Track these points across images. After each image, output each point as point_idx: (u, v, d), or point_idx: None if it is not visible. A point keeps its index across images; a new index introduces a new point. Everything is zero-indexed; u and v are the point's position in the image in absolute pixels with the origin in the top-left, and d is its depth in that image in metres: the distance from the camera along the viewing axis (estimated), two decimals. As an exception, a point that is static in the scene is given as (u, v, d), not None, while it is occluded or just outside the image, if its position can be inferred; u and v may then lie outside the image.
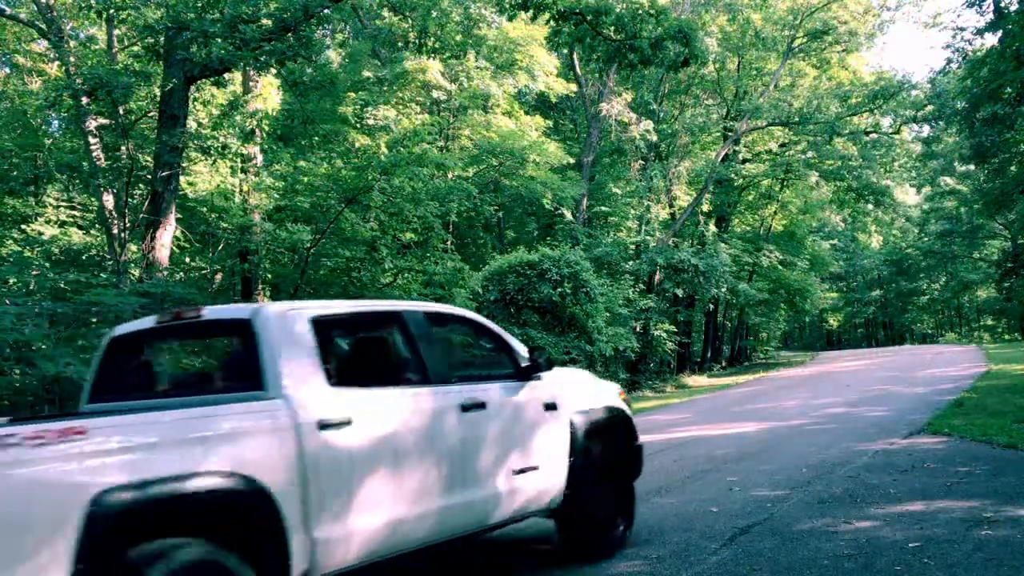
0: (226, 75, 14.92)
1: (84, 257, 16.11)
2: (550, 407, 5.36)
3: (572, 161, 27.57)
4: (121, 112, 14.37)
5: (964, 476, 7.14)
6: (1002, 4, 19.62)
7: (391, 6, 22.12)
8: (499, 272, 19.13)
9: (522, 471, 5.07)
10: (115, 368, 4.85)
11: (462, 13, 24.12)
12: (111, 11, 14.11)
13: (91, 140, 15.31)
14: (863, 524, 5.74)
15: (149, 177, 14.51)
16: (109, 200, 15.24)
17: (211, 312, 4.62)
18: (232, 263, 18.18)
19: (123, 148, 14.77)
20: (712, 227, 33.38)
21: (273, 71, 15.71)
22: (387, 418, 4.35)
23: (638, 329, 26.64)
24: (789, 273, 36.16)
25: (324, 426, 3.96)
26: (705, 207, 33.54)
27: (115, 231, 15.02)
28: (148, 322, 4.89)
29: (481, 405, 4.90)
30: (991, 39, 20.73)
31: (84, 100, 14.02)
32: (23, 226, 15.57)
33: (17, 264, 12.71)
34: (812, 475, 7.83)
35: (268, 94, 18.59)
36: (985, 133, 24.08)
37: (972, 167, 37.63)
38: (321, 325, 4.37)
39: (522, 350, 5.47)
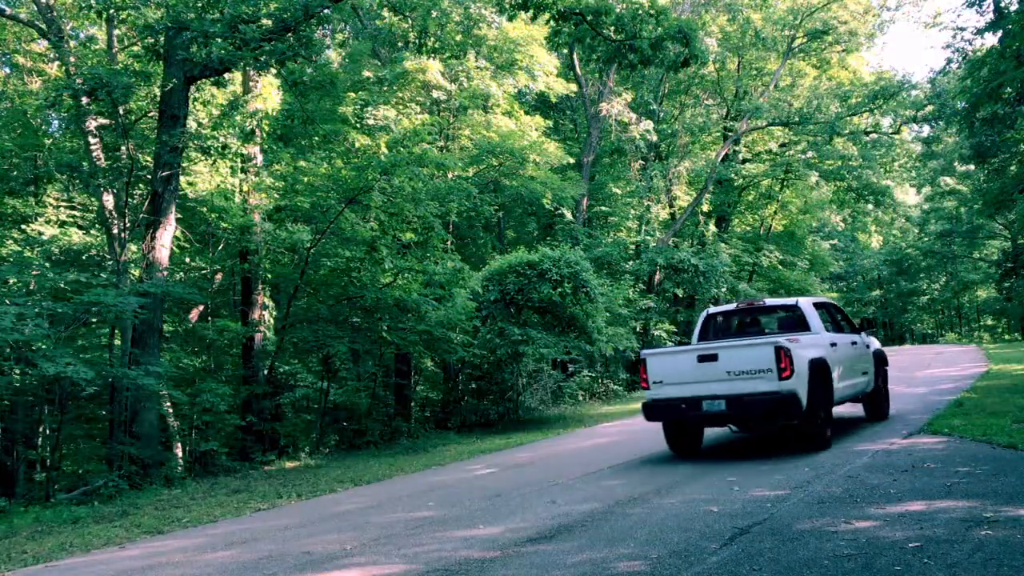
0: (226, 75, 14.93)
1: (84, 257, 16.08)
2: (867, 346, 11.54)
3: (572, 161, 27.56)
4: (121, 112, 14.35)
5: (964, 476, 7.13)
6: (1002, 4, 19.63)
7: (391, 6, 22.08)
8: (499, 272, 19.12)
9: (863, 373, 11.07)
10: (708, 327, 11.09)
11: (462, 13, 24.09)
12: (111, 11, 14.12)
13: (91, 140, 15.29)
14: (863, 524, 5.74)
15: (149, 177, 14.50)
16: (109, 200, 15.24)
17: (770, 301, 11.11)
18: (232, 263, 18.16)
19: (123, 148, 14.75)
20: (712, 227, 33.35)
21: (273, 71, 15.70)
22: (842, 345, 10.44)
23: (638, 329, 26.64)
24: (789, 273, 36.11)
25: (831, 344, 10.02)
26: (705, 207, 33.52)
27: (115, 231, 15.02)
28: (730, 306, 11.34)
29: (855, 342, 11.06)
30: (991, 39, 20.73)
31: (84, 100, 14.00)
32: (23, 226, 15.55)
33: (17, 264, 12.69)
34: (812, 475, 7.84)
35: (268, 94, 18.57)
36: (985, 133, 24.08)
37: (972, 167, 37.60)
38: (815, 306, 10.56)
39: (854, 320, 11.86)
